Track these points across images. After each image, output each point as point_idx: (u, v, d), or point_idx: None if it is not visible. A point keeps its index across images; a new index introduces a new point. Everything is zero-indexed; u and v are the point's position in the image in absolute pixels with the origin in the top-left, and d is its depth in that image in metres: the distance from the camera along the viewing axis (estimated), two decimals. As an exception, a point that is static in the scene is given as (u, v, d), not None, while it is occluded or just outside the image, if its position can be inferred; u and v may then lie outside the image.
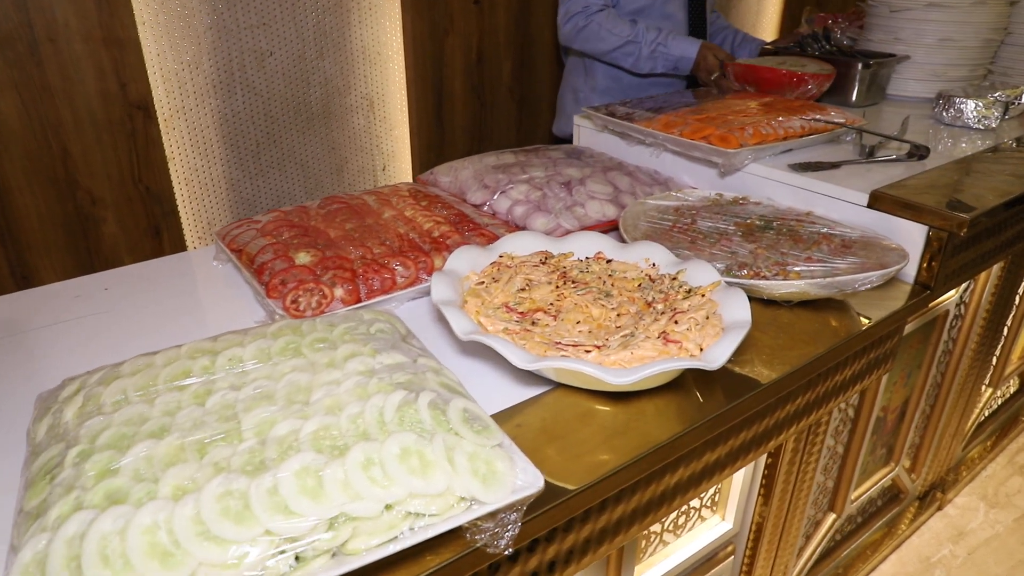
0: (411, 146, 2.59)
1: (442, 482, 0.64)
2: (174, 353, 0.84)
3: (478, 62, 2.62)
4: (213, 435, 0.70)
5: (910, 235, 1.21)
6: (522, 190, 1.37)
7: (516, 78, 2.77)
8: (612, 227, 1.34)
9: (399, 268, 1.12)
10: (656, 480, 0.88)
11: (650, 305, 0.98)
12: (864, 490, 1.86)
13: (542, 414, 0.86)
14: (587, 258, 1.13)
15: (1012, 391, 2.48)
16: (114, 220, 2.01)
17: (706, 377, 0.93)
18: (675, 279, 1.03)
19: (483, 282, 1.05)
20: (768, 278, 1.05)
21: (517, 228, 1.32)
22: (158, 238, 2.09)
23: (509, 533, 0.66)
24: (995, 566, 2.06)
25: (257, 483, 0.63)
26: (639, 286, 1.03)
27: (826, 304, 1.13)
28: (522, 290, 1.04)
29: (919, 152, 1.43)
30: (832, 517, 1.80)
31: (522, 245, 1.15)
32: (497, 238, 1.21)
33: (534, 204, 1.34)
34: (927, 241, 1.19)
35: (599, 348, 0.87)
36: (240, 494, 0.62)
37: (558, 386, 0.91)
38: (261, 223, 1.29)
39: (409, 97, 2.51)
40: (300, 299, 1.05)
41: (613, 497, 0.84)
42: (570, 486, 0.76)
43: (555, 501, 0.75)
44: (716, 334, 0.87)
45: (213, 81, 2.10)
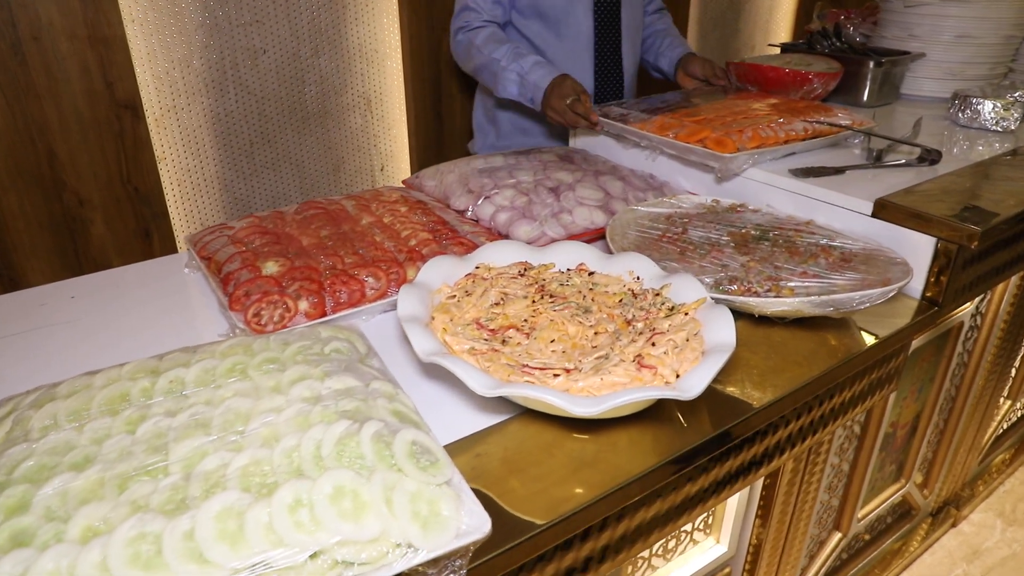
0: (410, 146, 2.54)
1: (376, 527, 0.59)
2: (115, 373, 0.79)
3: (479, 60, 2.55)
4: (137, 468, 0.64)
5: (918, 247, 1.13)
6: (507, 195, 1.31)
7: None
8: (600, 235, 1.27)
9: (369, 280, 1.06)
10: (629, 515, 0.82)
11: (629, 323, 0.91)
12: (872, 508, 1.78)
13: (505, 443, 0.80)
14: (568, 270, 1.07)
15: (1032, 403, 2.37)
16: (102, 221, 1.97)
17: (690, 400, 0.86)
18: (658, 295, 0.96)
19: (455, 296, 0.99)
20: (760, 294, 0.98)
21: (499, 236, 1.26)
22: (148, 240, 2.06)
23: (454, 581, 0.60)
24: (1011, 588, 1.97)
25: (173, 525, 0.57)
26: (620, 301, 0.97)
27: (824, 320, 1.05)
28: (496, 304, 0.98)
29: (930, 156, 1.35)
30: (838, 536, 1.72)
31: (501, 255, 1.09)
32: (476, 247, 1.15)
33: (519, 210, 1.27)
34: (935, 254, 1.11)
35: (568, 372, 0.80)
36: (154, 538, 0.57)
37: (526, 411, 0.85)
38: (234, 229, 1.24)
39: (407, 96, 2.45)
40: (263, 312, 1.00)
41: (580, 535, 0.78)
42: (538, 520, 0.70)
43: (515, 540, 0.69)
44: (695, 358, 0.80)
45: (205, 79, 2.06)
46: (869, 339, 1.04)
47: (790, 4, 3.72)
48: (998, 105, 1.59)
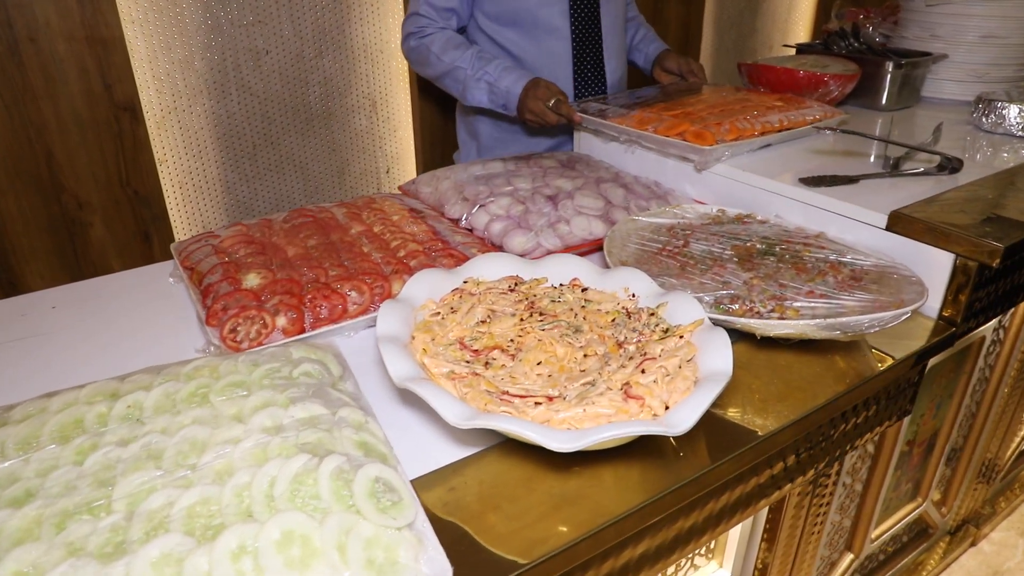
0: (416, 148, 2.49)
1: (325, 578, 0.54)
2: (72, 396, 0.75)
3: (487, 60, 2.50)
4: (79, 504, 0.60)
5: (934, 262, 1.06)
6: (503, 204, 1.26)
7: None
8: (599, 246, 1.21)
9: (352, 294, 1.01)
10: (614, 556, 0.76)
11: (621, 346, 0.86)
12: (887, 528, 1.70)
13: (481, 476, 0.75)
14: (562, 285, 1.02)
15: (1059, 418, 2.27)
16: (102, 224, 1.95)
17: (681, 432, 0.81)
18: (653, 314, 0.90)
19: (439, 312, 0.94)
20: (763, 315, 0.92)
21: (493, 247, 1.21)
22: (148, 242, 2.03)
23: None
24: (1034, 612, 1.89)
25: (106, 573, 0.53)
26: (613, 321, 0.91)
27: (833, 340, 0.99)
28: (482, 322, 0.93)
29: (951, 165, 1.28)
30: (850, 557, 1.65)
31: (491, 269, 1.04)
32: (467, 259, 1.10)
33: (514, 220, 1.22)
34: (953, 271, 1.04)
35: (551, 400, 0.75)
36: (85, 587, 0.53)
37: (506, 440, 0.80)
38: (220, 238, 1.20)
39: (413, 97, 2.41)
40: (239, 328, 0.96)
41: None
42: (522, 560, 0.65)
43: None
44: (687, 388, 0.75)
45: (206, 81, 2.03)
46: (881, 361, 0.97)
47: (809, 3, 3.62)
48: (1024, 109, 1.51)
